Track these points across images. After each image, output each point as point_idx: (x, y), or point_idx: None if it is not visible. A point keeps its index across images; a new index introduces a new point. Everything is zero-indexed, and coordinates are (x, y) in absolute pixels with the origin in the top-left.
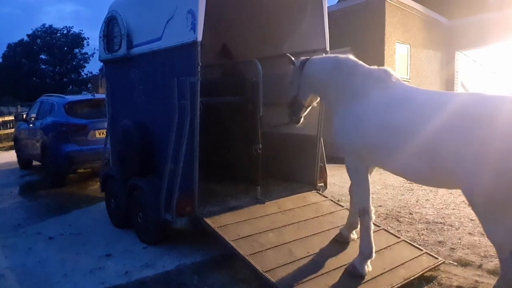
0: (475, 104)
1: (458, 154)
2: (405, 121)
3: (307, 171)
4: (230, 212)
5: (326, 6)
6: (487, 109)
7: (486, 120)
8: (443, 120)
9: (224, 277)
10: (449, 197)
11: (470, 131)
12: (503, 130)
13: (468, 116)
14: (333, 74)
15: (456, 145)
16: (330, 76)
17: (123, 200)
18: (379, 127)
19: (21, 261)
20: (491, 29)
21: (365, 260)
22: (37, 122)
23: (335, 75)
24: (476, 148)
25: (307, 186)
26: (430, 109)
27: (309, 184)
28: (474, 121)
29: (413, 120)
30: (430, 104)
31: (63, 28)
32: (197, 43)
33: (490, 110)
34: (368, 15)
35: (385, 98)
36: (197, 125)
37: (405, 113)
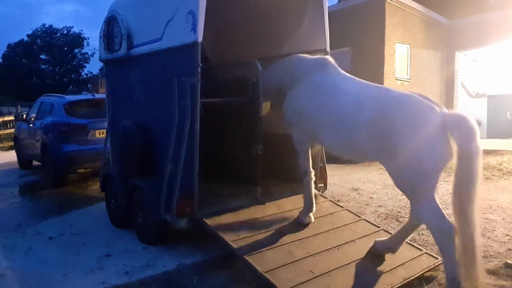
0: (378, 99)
1: (365, 141)
2: (330, 103)
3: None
4: (230, 212)
5: (326, 6)
6: (384, 106)
7: (383, 115)
8: (355, 107)
9: (224, 277)
10: (449, 197)
11: (372, 122)
12: (397, 127)
13: (366, 110)
14: (285, 67)
15: (362, 133)
16: (283, 70)
17: (123, 200)
18: (312, 106)
19: (21, 261)
20: (491, 29)
21: (307, 213)
22: (37, 122)
23: (287, 67)
24: (379, 138)
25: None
26: (350, 96)
27: None
28: (373, 112)
29: (336, 104)
30: (350, 92)
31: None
32: (197, 44)
33: (386, 107)
34: (368, 15)
35: (319, 83)
36: (197, 125)
37: (331, 96)
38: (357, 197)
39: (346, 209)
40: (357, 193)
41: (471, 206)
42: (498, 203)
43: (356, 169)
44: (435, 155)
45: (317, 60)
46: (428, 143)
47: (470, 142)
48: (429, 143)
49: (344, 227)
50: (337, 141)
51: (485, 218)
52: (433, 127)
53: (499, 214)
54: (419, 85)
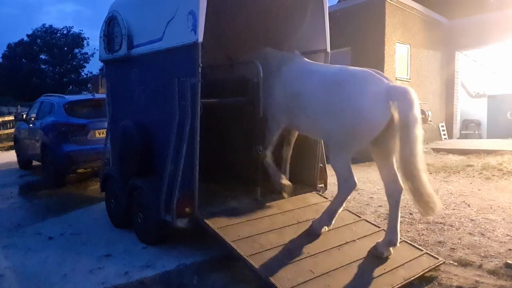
0: (336, 73)
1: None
2: (297, 88)
3: (307, 172)
4: (230, 213)
5: (327, 7)
6: (339, 76)
7: (338, 82)
8: (318, 84)
9: (224, 277)
10: (449, 197)
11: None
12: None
13: (326, 81)
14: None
15: (317, 104)
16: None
17: (123, 200)
18: (282, 93)
19: (21, 261)
20: (491, 29)
21: (277, 178)
22: (37, 122)
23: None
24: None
25: (307, 187)
26: (313, 80)
27: (309, 185)
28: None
29: (302, 88)
30: (314, 76)
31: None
32: (198, 44)
33: (341, 76)
34: (368, 15)
35: (287, 73)
36: (197, 126)
37: (297, 83)
38: (357, 197)
39: (346, 209)
40: (357, 193)
41: (415, 167)
42: (498, 203)
43: (356, 169)
44: (372, 120)
45: (285, 54)
46: (369, 109)
47: (408, 112)
48: (370, 108)
49: (344, 227)
50: (306, 121)
51: (485, 218)
52: (377, 95)
53: (499, 214)
54: (419, 85)
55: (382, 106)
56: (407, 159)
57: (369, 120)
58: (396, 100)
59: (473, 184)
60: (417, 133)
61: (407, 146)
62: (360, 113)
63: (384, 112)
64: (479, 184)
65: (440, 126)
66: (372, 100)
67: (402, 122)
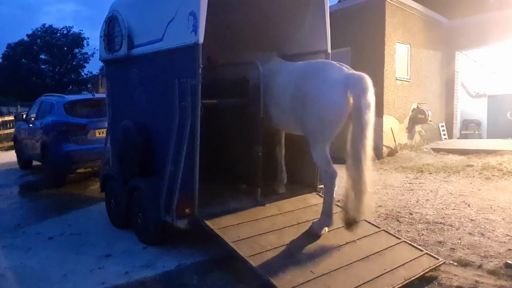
0: (301, 66)
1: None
2: (271, 86)
3: (307, 173)
4: (230, 214)
5: (327, 8)
6: (303, 69)
7: (302, 74)
8: (283, 83)
9: (224, 277)
10: (449, 197)
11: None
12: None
13: (293, 75)
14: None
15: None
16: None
17: (123, 200)
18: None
19: (21, 261)
20: (491, 29)
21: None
22: (37, 122)
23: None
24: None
25: (307, 188)
26: (283, 77)
27: (309, 186)
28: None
29: (274, 85)
30: (283, 73)
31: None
32: (198, 45)
33: (305, 69)
34: (368, 15)
35: (264, 72)
36: (198, 126)
37: (271, 80)
38: None
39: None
40: None
41: (363, 150)
42: (498, 203)
43: None
44: (334, 108)
45: (263, 55)
46: (331, 96)
47: (361, 97)
48: (332, 95)
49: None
50: (283, 116)
51: (485, 218)
52: (337, 83)
53: (499, 214)
54: (419, 85)
55: (343, 93)
56: (357, 142)
57: (333, 106)
58: (352, 86)
59: (473, 184)
60: (368, 117)
61: (358, 129)
62: (324, 101)
63: (346, 97)
64: (479, 184)
65: (440, 126)
66: (333, 88)
67: (355, 106)
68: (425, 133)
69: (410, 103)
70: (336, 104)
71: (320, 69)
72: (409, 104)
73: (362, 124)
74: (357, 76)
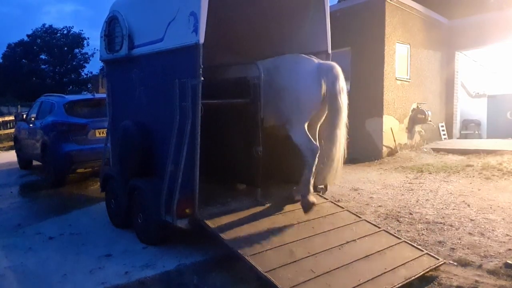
0: (272, 62)
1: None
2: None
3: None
4: (230, 213)
5: (328, 8)
6: (277, 63)
7: (276, 67)
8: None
9: (224, 277)
10: (449, 197)
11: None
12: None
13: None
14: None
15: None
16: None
17: (123, 200)
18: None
19: (21, 261)
20: (491, 29)
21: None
22: (37, 122)
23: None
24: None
25: None
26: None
27: None
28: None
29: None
30: (264, 69)
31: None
32: (199, 46)
33: (277, 63)
34: (368, 15)
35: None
36: (198, 126)
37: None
38: (357, 197)
39: (347, 210)
40: (357, 193)
41: (337, 131)
42: (498, 203)
43: (356, 169)
44: (309, 95)
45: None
46: (304, 85)
47: (334, 83)
48: (305, 85)
49: (345, 227)
50: (269, 109)
51: (485, 218)
52: (309, 72)
53: (499, 214)
54: (419, 85)
55: (315, 81)
56: (333, 123)
57: (309, 94)
58: (324, 74)
59: (473, 184)
60: (342, 101)
61: (333, 112)
62: (300, 90)
63: (318, 85)
64: (479, 184)
65: (440, 126)
66: (308, 77)
67: (329, 93)
68: (425, 133)
69: (410, 103)
70: (311, 92)
71: (293, 61)
72: (409, 104)
73: (337, 108)
74: (328, 65)
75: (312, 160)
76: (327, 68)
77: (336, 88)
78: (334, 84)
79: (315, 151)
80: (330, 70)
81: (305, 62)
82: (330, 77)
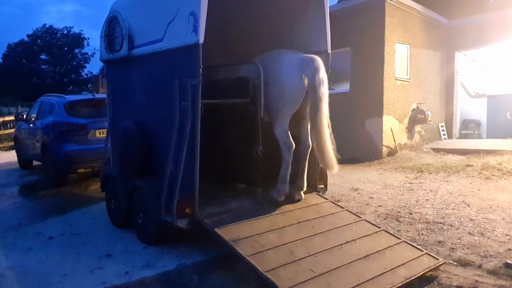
0: (259, 59)
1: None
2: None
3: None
4: (230, 213)
5: (328, 8)
6: (264, 59)
7: (264, 63)
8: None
9: (224, 277)
10: (449, 197)
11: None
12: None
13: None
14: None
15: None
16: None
17: (123, 200)
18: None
19: (21, 261)
20: (491, 29)
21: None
22: (37, 122)
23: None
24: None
25: (307, 188)
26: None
27: (309, 186)
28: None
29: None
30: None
31: (63, 28)
32: (199, 45)
33: (264, 58)
34: (368, 15)
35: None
36: (198, 126)
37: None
38: (357, 197)
39: (347, 210)
40: (357, 193)
41: (320, 121)
42: (498, 203)
43: (356, 169)
44: (292, 87)
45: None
46: (287, 78)
47: (314, 75)
48: (288, 77)
49: (345, 227)
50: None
51: (484, 218)
52: (292, 66)
53: (499, 214)
54: (419, 85)
55: (298, 74)
56: (314, 115)
57: (292, 86)
58: (305, 67)
59: (473, 184)
60: (322, 92)
61: (314, 103)
62: (284, 82)
63: (301, 77)
64: (478, 184)
65: (440, 126)
66: (291, 70)
67: (310, 84)
68: (424, 133)
69: (409, 103)
70: (294, 84)
71: (276, 55)
72: (409, 104)
73: (317, 98)
74: (309, 58)
75: (288, 156)
76: (309, 61)
77: (316, 80)
78: (315, 75)
79: (291, 148)
80: (312, 63)
81: (288, 55)
82: (311, 69)
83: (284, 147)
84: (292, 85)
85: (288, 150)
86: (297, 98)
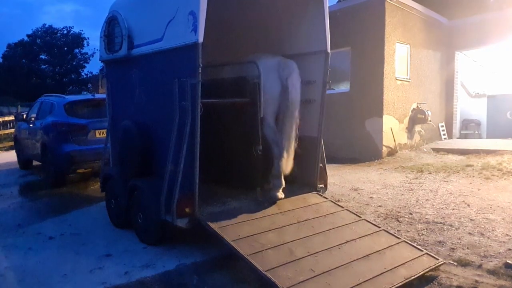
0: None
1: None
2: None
3: (307, 173)
4: (230, 213)
5: (327, 8)
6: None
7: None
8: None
9: (224, 277)
10: (449, 197)
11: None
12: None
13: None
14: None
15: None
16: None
17: (123, 200)
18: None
19: (21, 261)
20: (491, 29)
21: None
22: (37, 122)
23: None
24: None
25: (307, 188)
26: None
27: (309, 186)
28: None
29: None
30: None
31: (63, 28)
32: (198, 45)
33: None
34: (368, 15)
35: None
36: (197, 126)
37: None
38: (357, 197)
39: (347, 209)
40: (357, 193)
41: (289, 122)
42: (498, 203)
43: (356, 169)
44: (270, 87)
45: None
46: (265, 78)
47: (287, 77)
48: (266, 78)
49: (345, 226)
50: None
51: (484, 218)
52: (270, 68)
53: (499, 214)
54: (419, 85)
55: (275, 75)
56: (283, 117)
57: (268, 86)
58: (281, 69)
59: (473, 184)
60: (292, 96)
61: (284, 105)
62: (263, 82)
63: (277, 78)
64: (478, 184)
65: (440, 126)
66: (267, 71)
67: (283, 86)
68: (425, 133)
69: (410, 103)
70: (272, 85)
71: (255, 58)
72: (409, 104)
73: (288, 100)
74: (286, 62)
75: (277, 152)
76: (284, 64)
77: (289, 83)
78: (288, 79)
79: (279, 143)
80: (287, 66)
81: (266, 58)
82: (286, 72)
83: (273, 143)
84: (270, 86)
85: (276, 146)
86: (274, 98)
